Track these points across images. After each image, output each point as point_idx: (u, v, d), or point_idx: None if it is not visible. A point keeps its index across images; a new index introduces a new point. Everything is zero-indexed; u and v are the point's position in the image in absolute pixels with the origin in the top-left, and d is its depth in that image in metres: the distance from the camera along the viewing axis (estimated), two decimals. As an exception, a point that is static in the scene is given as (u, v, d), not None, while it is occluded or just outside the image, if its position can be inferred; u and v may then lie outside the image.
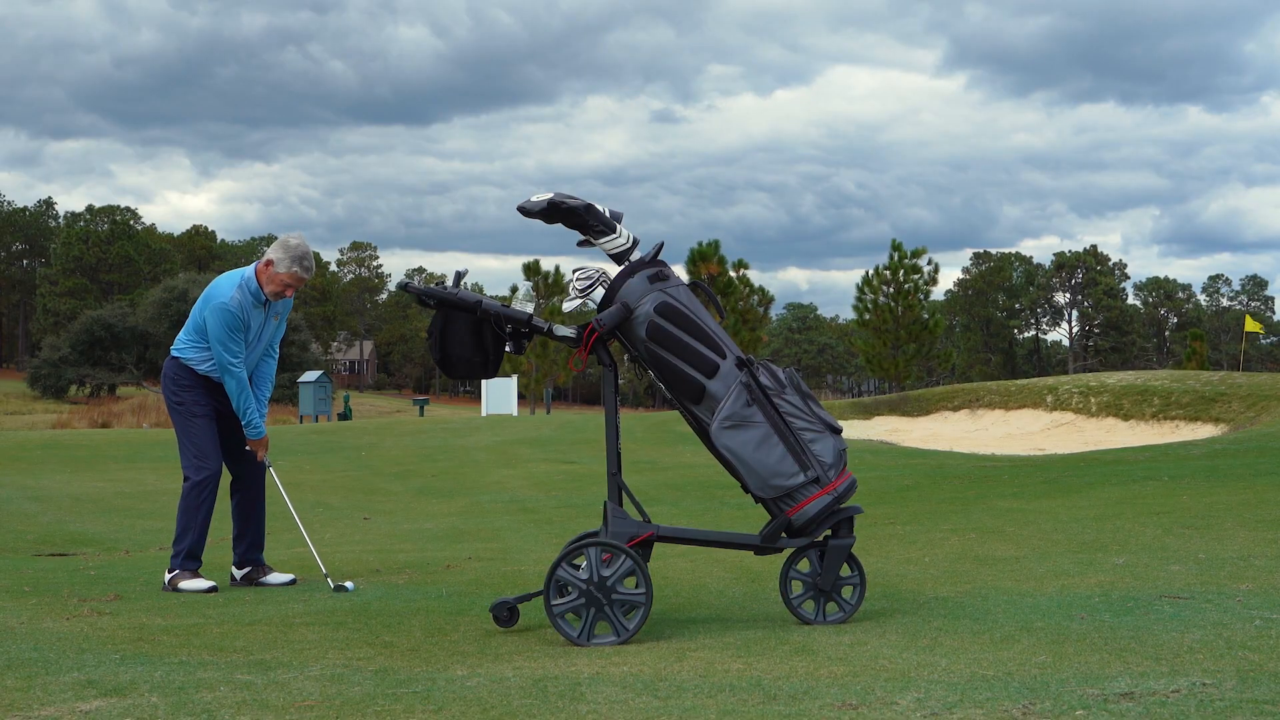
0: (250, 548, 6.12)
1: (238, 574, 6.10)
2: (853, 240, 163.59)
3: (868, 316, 46.93)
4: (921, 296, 47.06)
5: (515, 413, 37.65)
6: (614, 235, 4.46)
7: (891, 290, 46.66)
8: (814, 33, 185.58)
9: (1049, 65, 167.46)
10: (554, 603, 4.11)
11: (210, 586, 5.80)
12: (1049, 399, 24.64)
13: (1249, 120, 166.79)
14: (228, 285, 5.86)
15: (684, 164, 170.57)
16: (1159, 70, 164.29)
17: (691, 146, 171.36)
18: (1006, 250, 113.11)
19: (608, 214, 4.49)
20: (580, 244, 4.60)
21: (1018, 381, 28.56)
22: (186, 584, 5.79)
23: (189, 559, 5.87)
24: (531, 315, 4.45)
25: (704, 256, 44.96)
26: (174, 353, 6.02)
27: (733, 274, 46.86)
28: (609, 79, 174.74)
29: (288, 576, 6.08)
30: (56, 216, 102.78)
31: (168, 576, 5.89)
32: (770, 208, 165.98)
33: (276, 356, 6.17)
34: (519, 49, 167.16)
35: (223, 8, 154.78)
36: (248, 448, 6.07)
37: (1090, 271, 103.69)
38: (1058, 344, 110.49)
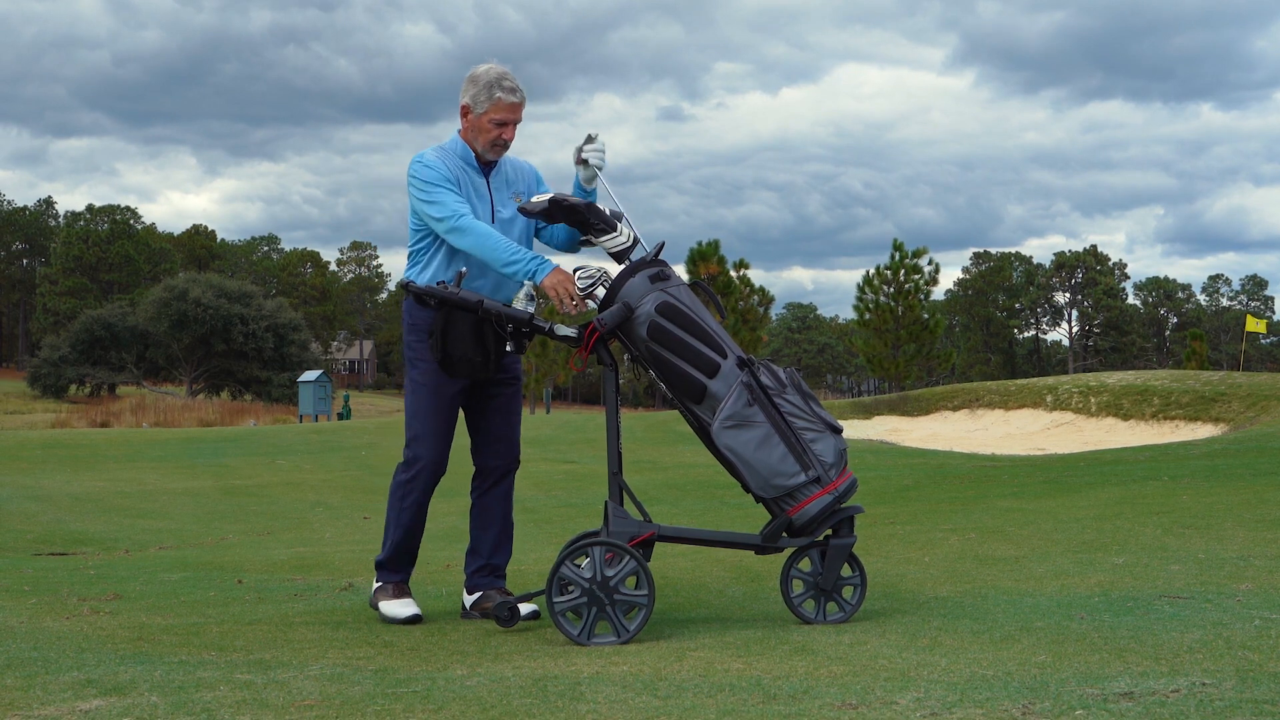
0: (482, 571, 4.88)
1: (467, 601, 4.87)
2: (858, 239, 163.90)
3: (868, 316, 46.94)
4: (922, 296, 47.06)
5: (515, 412, 37.57)
6: (614, 234, 4.46)
7: (892, 290, 46.66)
8: (821, 30, 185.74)
9: (1058, 62, 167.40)
10: (555, 600, 4.10)
11: (410, 616, 4.64)
12: (1049, 399, 24.65)
13: (1261, 118, 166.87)
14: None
15: (690, 163, 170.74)
16: (1169, 67, 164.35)
17: (699, 145, 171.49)
18: (1008, 250, 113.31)
19: (608, 213, 4.49)
20: (580, 243, 4.61)
21: (1018, 381, 28.58)
22: (384, 605, 4.71)
23: (381, 569, 4.83)
24: (533, 315, 4.44)
25: (703, 256, 44.97)
26: (405, 276, 4.85)
27: (733, 274, 46.87)
28: (616, 76, 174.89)
29: (531, 607, 4.68)
30: (56, 216, 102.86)
31: (373, 587, 4.89)
32: (775, 207, 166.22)
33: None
34: (525, 46, 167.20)
35: (228, 4, 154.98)
36: (532, 293, 4.45)
37: (1090, 271, 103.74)
38: (1058, 344, 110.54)
